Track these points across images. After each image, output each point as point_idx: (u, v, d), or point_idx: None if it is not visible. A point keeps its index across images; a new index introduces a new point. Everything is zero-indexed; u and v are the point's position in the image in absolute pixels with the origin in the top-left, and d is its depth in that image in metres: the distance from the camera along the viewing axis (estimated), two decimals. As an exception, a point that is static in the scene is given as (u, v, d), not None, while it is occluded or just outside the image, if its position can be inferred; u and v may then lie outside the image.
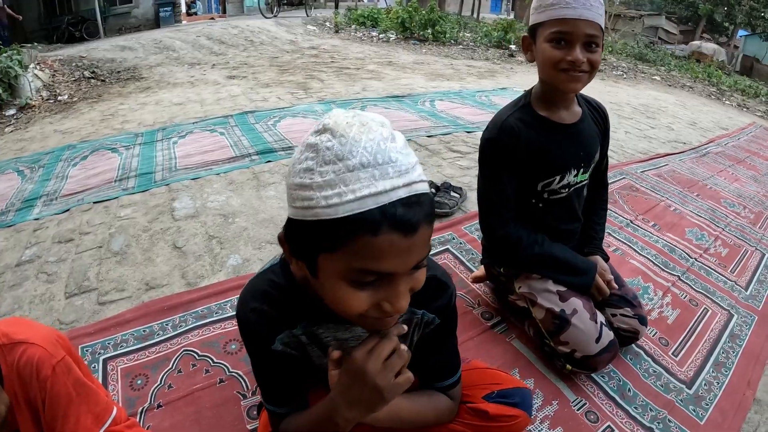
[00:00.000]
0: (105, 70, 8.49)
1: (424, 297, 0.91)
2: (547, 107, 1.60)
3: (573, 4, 1.36)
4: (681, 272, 2.56)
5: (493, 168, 1.62)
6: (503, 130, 1.56)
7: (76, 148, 4.24)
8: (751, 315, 2.27)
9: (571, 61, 1.40)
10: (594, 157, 1.72)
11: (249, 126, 4.54)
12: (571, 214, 1.78)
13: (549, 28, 1.41)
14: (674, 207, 3.36)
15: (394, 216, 0.65)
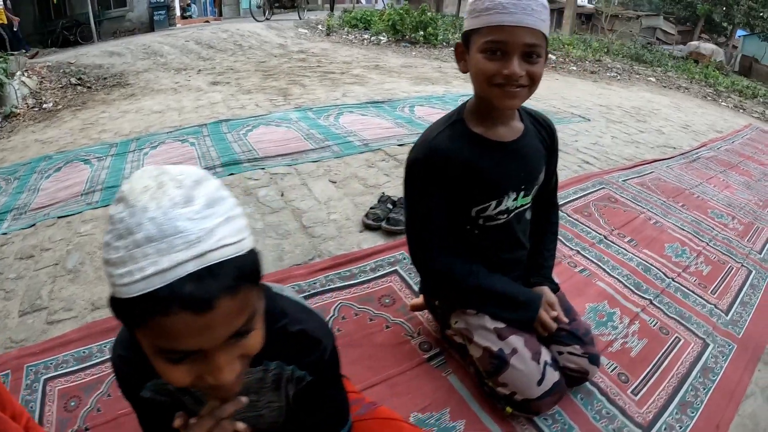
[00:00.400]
0: (92, 76, 8.41)
1: (292, 352, 0.91)
2: (483, 123, 1.42)
3: (511, 8, 1.18)
4: (654, 295, 2.36)
5: (420, 193, 1.45)
6: (431, 150, 1.39)
7: (52, 159, 4.16)
8: (730, 344, 2.08)
9: (508, 75, 1.23)
10: (537, 178, 1.54)
11: (221, 136, 4.45)
12: (513, 241, 1.61)
13: (483, 37, 1.24)
14: (655, 219, 3.17)
15: (182, 294, 0.60)
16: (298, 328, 0.91)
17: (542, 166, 1.54)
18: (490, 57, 1.23)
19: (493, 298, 1.50)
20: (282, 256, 2.52)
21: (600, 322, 2.14)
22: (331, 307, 2.10)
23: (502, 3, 1.18)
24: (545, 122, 1.58)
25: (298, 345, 0.92)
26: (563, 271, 2.46)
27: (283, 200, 3.13)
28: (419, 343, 1.91)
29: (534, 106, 1.60)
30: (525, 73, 1.24)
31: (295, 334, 0.89)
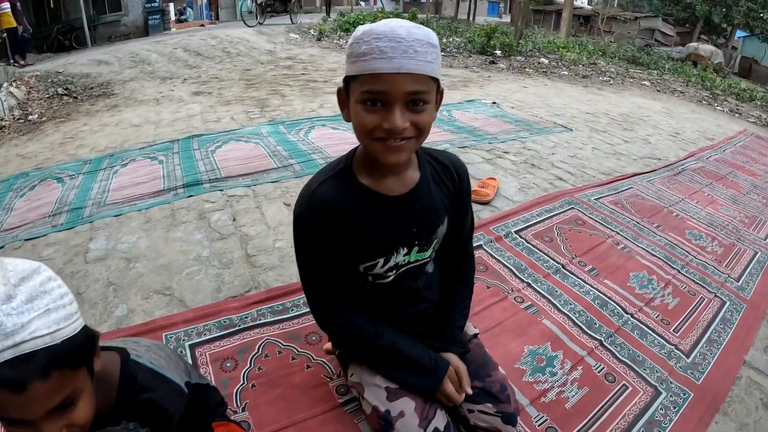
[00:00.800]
0: (79, 86, 8.34)
1: (143, 417, 0.99)
2: (371, 174, 1.27)
3: (389, 53, 1.02)
4: (606, 335, 2.19)
5: (307, 248, 1.31)
6: (312, 204, 1.24)
7: (29, 177, 4.09)
8: (685, 392, 1.91)
9: (389, 129, 1.07)
10: (435, 232, 1.38)
11: (190, 153, 4.37)
12: (412, 296, 1.46)
13: (360, 86, 1.08)
14: (624, 244, 3.00)
15: (1, 376, 0.70)
16: (146, 396, 0.97)
17: (442, 218, 1.38)
18: (370, 108, 1.08)
19: (395, 361, 1.36)
20: (221, 287, 2.42)
21: (537, 367, 1.97)
22: (257, 343, 2.00)
23: (379, 47, 1.03)
24: (452, 166, 1.40)
25: (147, 412, 0.99)
26: (507, 308, 2.31)
27: (234, 225, 3.02)
28: (336, 386, 1.79)
29: (517, 115, 1.45)
30: (409, 125, 1.09)
31: (144, 402, 0.96)
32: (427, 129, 1.14)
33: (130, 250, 2.77)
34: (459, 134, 5.08)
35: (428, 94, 1.10)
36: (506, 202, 3.47)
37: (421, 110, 1.10)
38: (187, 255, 2.71)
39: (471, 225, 1.53)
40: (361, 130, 1.12)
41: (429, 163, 1.37)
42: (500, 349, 2.04)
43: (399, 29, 1.03)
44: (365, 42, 1.04)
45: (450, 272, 1.53)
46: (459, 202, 1.43)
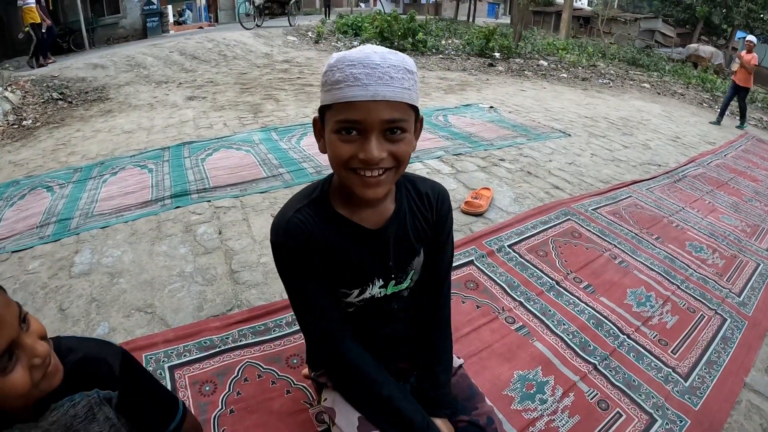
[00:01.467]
0: (74, 90, 8.24)
1: (86, 379, 0.98)
2: (347, 205, 1.20)
3: (363, 79, 0.96)
4: (601, 358, 2.10)
5: (292, 278, 1.22)
6: (289, 232, 1.15)
7: (20, 185, 4.02)
8: (682, 419, 1.83)
9: (364, 159, 1.00)
10: (411, 263, 1.30)
11: (180, 161, 4.30)
12: (387, 317, 1.37)
13: (335, 115, 1.01)
14: (621, 258, 2.91)
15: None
16: (79, 356, 0.97)
17: (418, 249, 1.30)
18: (345, 138, 1.01)
19: (386, 413, 1.26)
20: (202, 305, 2.34)
21: (527, 394, 1.88)
22: (237, 366, 1.93)
23: (353, 74, 0.96)
24: (432, 195, 1.30)
25: (87, 370, 0.98)
26: (497, 329, 2.21)
27: (219, 239, 2.94)
28: (316, 414, 1.72)
29: (514, 120, 1.34)
30: (387, 155, 1.01)
31: (79, 362, 0.96)
32: (406, 160, 1.06)
33: (115, 265, 2.71)
34: (454, 140, 5.00)
35: (406, 122, 1.02)
36: (500, 213, 3.38)
37: (399, 139, 1.02)
38: (171, 271, 2.63)
39: (449, 259, 1.41)
40: (336, 160, 1.04)
41: (407, 192, 1.28)
42: (488, 374, 1.95)
43: (373, 55, 0.97)
44: (339, 69, 0.98)
45: (426, 313, 1.40)
46: (436, 233, 1.33)
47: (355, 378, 1.26)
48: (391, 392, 1.25)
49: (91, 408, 0.98)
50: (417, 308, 1.40)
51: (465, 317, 2.26)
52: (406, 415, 1.24)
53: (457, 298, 2.41)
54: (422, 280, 1.36)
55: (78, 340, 1.03)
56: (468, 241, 2.90)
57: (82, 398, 0.97)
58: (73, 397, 0.96)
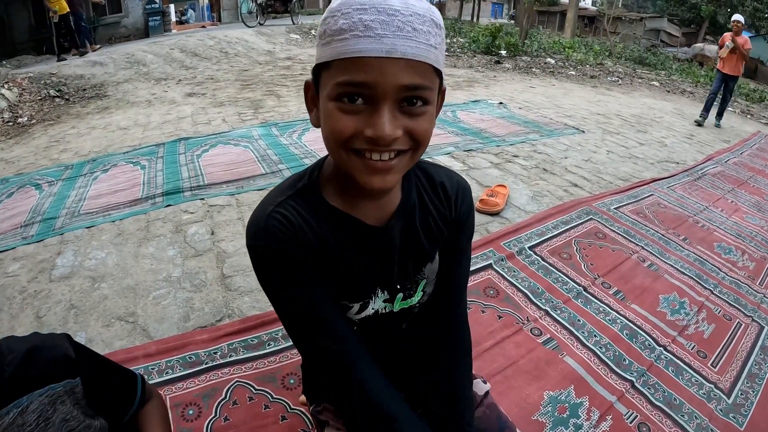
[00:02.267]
0: (72, 87, 8.06)
1: (34, 377, 0.84)
2: (342, 194, 0.92)
3: (378, 29, 0.68)
4: (638, 374, 1.86)
5: (279, 290, 0.92)
6: (269, 232, 0.86)
7: (8, 183, 3.86)
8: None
9: (373, 137, 0.72)
10: (420, 274, 1.02)
11: (174, 157, 4.12)
12: (391, 340, 1.09)
13: (334, 76, 0.73)
14: (650, 261, 2.68)
15: None
16: (26, 348, 0.85)
17: (432, 254, 1.03)
18: (347, 107, 0.73)
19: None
20: (189, 315, 2.12)
21: (559, 419, 1.64)
22: (225, 387, 1.69)
23: (363, 21, 0.69)
24: (450, 186, 1.02)
25: (37, 363, 0.86)
26: (522, 343, 1.98)
27: (211, 240, 2.72)
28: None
29: (525, 116, 1.07)
30: (402, 132, 0.74)
31: (26, 357, 0.84)
32: (426, 140, 0.79)
33: (97, 268, 2.50)
34: (464, 136, 4.77)
35: (429, 91, 0.75)
36: (518, 212, 3.14)
37: (419, 113, 0.75)
38: (157, 275, 2.41)
39: (466, 268, 1.13)
40: (334, 137, 0.76)
41: (417, 180, 1.00)
42: (514, 395, 1.71)
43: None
44: (344, 15, 0.71)
45: (443, 341, 1.10)
46: (455, 236, 1.05)
47: (369, 413, 0.95)
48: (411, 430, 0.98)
49: (43, 413, 0.84)
50: (431, 332, 1.12)
51: (486, 329, 2.02)
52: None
53: (477, 307, 2.17)
54: (437, 296, 1.08)
55: (16, 338, 0.90)
56: (485, 243, 2.66)
57: (31, 401, 0.83)
58: (20, 401, 0.82)
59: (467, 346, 1.10)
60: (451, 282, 1.07)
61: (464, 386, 1.08)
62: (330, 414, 1.18)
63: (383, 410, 0.94)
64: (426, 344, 1.10)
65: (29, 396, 0.82)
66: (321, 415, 1.20)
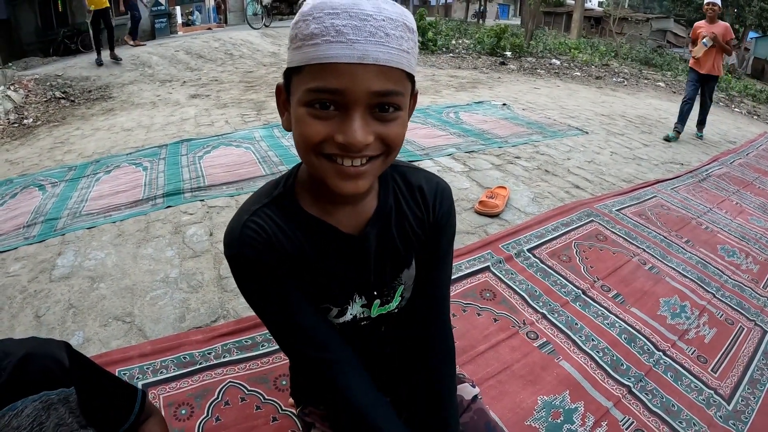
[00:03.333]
0: (78, 89, 8.12)
1: (31, 381, 0.84)
2: (317, 201, 0.92)
3: (350, 34, 0.68)
4: (636, 379, 1.83)
5: (258, 298, 0.93)
6: (245, 240, 0.86)
7: (12, 184, 3.90)
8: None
9: (343, 143, 0.72)
10: (396, 280, 1.02)
11: (176, 159, 4.14)
12: (370, 342, 1.08)
13: (305, 81, 0.72)
14: (651, 264, 2.65)
15: None
16: (22, 353, 0.85)
17: (408, 260, 1.02)
18: (318, 113, 0.73)
19: None
20: (185, 315, 2.12)
21: (553, 425, 1.62)
22: (217, 387, 1.69)
23: (335, 25, 0.68)
24: (427, 189, 1.00)
25: (32, 370, 0.85)
26: (518, 347, 1.95)
27: (209, 241, 2.73)
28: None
29: (528, 117, 1.05)
30: (373, 138, 0.74)
31: (21, 362, 0.84)
32: (398, 145, 0.78)
33: (96, 268, 2.51)
34: (466, 137, 4.75)
35: (401, 97, 0.75)
36: (518, 214, 3.12)
37: (391, 118, 0.75)
38: (154, 276, 2.41)
39: (449, 277, 1.11)
40: (305, 143, 0.76)
41: (394, 185, 0.99)
42: (508, 400, 1.69)
43: (364, 3, 0.69)
44: (315, 19, 0.70)
45: (425, 347, 1.08)
46: (433, 242, 1.03)
47: (356, 422, 0.95)
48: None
49: (37, 417, 0.85)
50: (413, 335, 1.11)
51: (481, 332, 2.00)
52: None
53: (472, 309, 2.16)
54: (417, 301, 1.07)
55: (14, 341, 0.91)
56: (483, 245, 2.64)
57: (25, 405, 0.84)
58: (15, 405, 0.82)
59: (450, 351, 1.09)
60: (432, 286, 1.06)
61: (448, 391, 1.07)
62: (316, 416, 1.18)
63: (368, 420, 0.94)
64: (408, 349, 1.09)
65: (23, 400, 0.83)
66: (307, 417, 1.20)
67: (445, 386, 1.06)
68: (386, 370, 1.13)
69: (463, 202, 3.23)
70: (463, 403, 1.16)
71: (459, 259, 2.48)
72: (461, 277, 2.36)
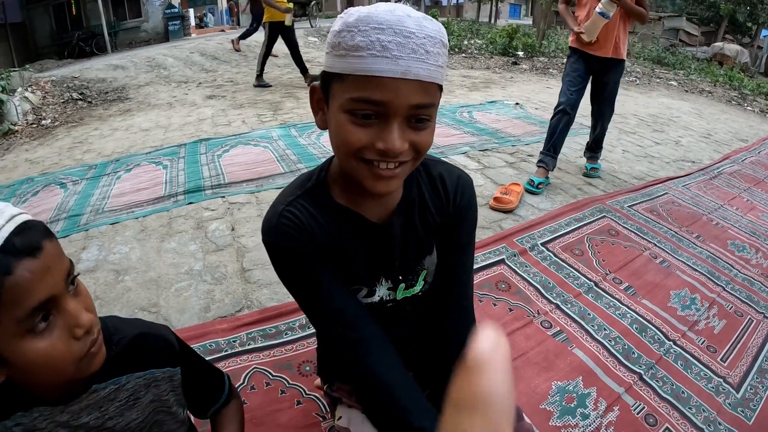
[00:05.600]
0: (94, 91, 8.21)
1: (141, 358, 0.90)
2: (347, 193, 1.01)
3: (395, 50, 0.75)
4: (647, 367, 1.89)
5: (294, 282, 1.02)
6: (282, 229, 0.96)
7: (33, 182, 3.96)
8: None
9: (383, 150, 0.81)
10: (419, 265, 1.11)
11: (195, 157, 4.21)
12: (395, 322, 1.16)
13: (349, 90, 0.79)
14: (662, 258, 2.70)
15: (18, 245, 0.66)
16: (135, 332, 0.91)
17: (429, 247, 1.11)
18: (360, 122, 0.81)
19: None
20: (209, 306, 2.20)
21: (566, 408, 1.68)
22: (243, 373, 1.76)
23: (381, 41, 0.75)
24: (448, 180, 1.08)
25: (144, 348, 0.91)
26: (532, 335, 2.02)
27: (231, 236, 2.80)
28: (329, 429, 1.54)
29: (541, 116, 1.12)
30: (408, 146, 0.83)
31: (135, 340, 0.89)
32: (426, 150, 0.88)
33: (121, 262, 2.58)
34: (480, 136, 4.81)
35: (433, 109, 0.84)
36: (531, 210, 3.18)
37: (424, 128, 0.84)
38: (179, 268, 2.49)
39: (471, 264, 1.18)
40: (346, 148, 0.84)
41: (418, 177, 1.07)
42: (523, 385, 1.76)
43: (407, 20, 0.76)
44: (361, 32, 0.76)
45: (447, 332, 1.14)
46: (455, 230, 1.10)
47: (384, 401, 1.01)
48: (423, 424, 1.04)
49: (135, 392, 0.90)
50: (436, 318, 1.17)
51: (497, 322, 2.07)
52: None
53: (488, 300, 2.23)
54: (440, 286, 1.14)
55: (121, 319, 0.95)
56: (498, 239, 2.71)
57: (128, 380, 0.89)
58: (119, 379, 0.88)
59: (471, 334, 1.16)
60: (454, 272, 1.13)
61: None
62: (343, 392, 1.25)
63: (393, 397, 1.00)
64: (430, 331, 1.16)
65: (128, 376, 0.88)
66: (334, 393, 1.27)
67: None
68: (410, 350, 1.20)
69: (478, 199, 3.28)
70: None
71: (475, 252, 2.54)
72: (477, 270, 2.43)
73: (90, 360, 0.76)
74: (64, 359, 0.72)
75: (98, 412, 0.85)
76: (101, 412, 0.85)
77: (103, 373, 0.83)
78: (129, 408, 0.90)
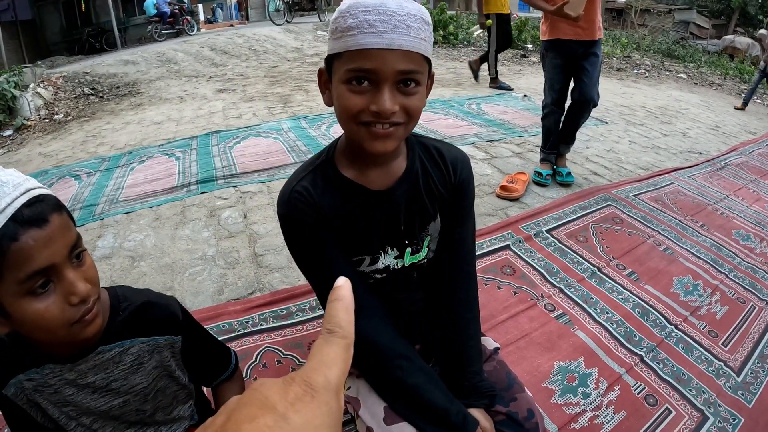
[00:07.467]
0: (105, 86, 8.33)
1: (146, 324, 0.98)
2: (354, 165, 1.13)
3: (378, 26, 0.90)
4: (648, 349, 1.94)
5: (304, 250, 1.16)
6: (293, 202, 1.10)
7: (47, 175, 4.07)
8: (735, 417, 1.67)
9: (376, 111, 0.94)
10: (426, 228, 1.21)
11: (207, 149, 4.29)
12: (402, 286, 1.28)
13: (345, 64, 0.95)
14: (666, 245, 2.74)
15: (26, 216, 0.75)
16: (142, 300, 0.99)
17: (433, 214, 1.21)
18: (355, 89, 0.96)
19: (415, 404, 1.13)
20: (223, 289, 2.28)
21: (568, 387, 1.74)
22: (255, 351, 1.84)
23: (367, 20, 0.91)
24: (449, 159, 1.21)
25: (149, 315, 0.99)
26: (536, 317, 2.08)
27: (244, 223, 2.87)
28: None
29: None
30: (399, 108, 0.96)
31: (141, 307, 0.97)
32: (417, 114, 1.00)
33: (136, 249, 2.67)
34: (488, 127, 4.86)
35: (420, 75, 0.97)
36: (537, 198, 3.23)
37: (413, 92, 0.97)
38: (193, 254, 2.56)
39: (473, 233, 1.29)
40: (346, 113, 0.98)
41: (419, 151, 1.20)
42: (526, 364, 1.82)
43: (389, 2, 0.92)
44: (352, 15, 0.92)
45: (451, 293, 1.26)
46: (457, 201, 1.23)
47: (376, 362, 1.16)
48: (418, 381, 1.13)
49: (139, 357, 0.98)
50: (440, 285, 1.27)
51: (501, 304, 2.13)
52: (439, 407, 1.12)
53: (493, 283, 2.29)
54: (443, 253, 1.25)
55: (132, 289, 1.04)
56: (503, 226, 2.76)
57: (133, 344, 0.97)
58: (123, 343, 0.96)
59: (473, 300, 1.28)
60: (457, 241, 1.24)
61: (472, 337, 1.26)
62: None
63: (383, 355, 1.14)
64: (435, 298, 1.27)
65: (133, 340, 0.96)
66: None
67: (469, 332, 1.25)
68: (417, 318, 1.30)
69: (485, 187, 3.34)
70: (486, 352, 1.33)
71: (480, 238, 2.60)
72: (482, 255, 2.49)
73: (83, 327, 0.83)
74: (57, 322, 0.79)
75: (104, 373, 0.93)
76: (106, 373, 0.94)
77: (109, 335, 0.92)
78: (133, 372, 0.97)
